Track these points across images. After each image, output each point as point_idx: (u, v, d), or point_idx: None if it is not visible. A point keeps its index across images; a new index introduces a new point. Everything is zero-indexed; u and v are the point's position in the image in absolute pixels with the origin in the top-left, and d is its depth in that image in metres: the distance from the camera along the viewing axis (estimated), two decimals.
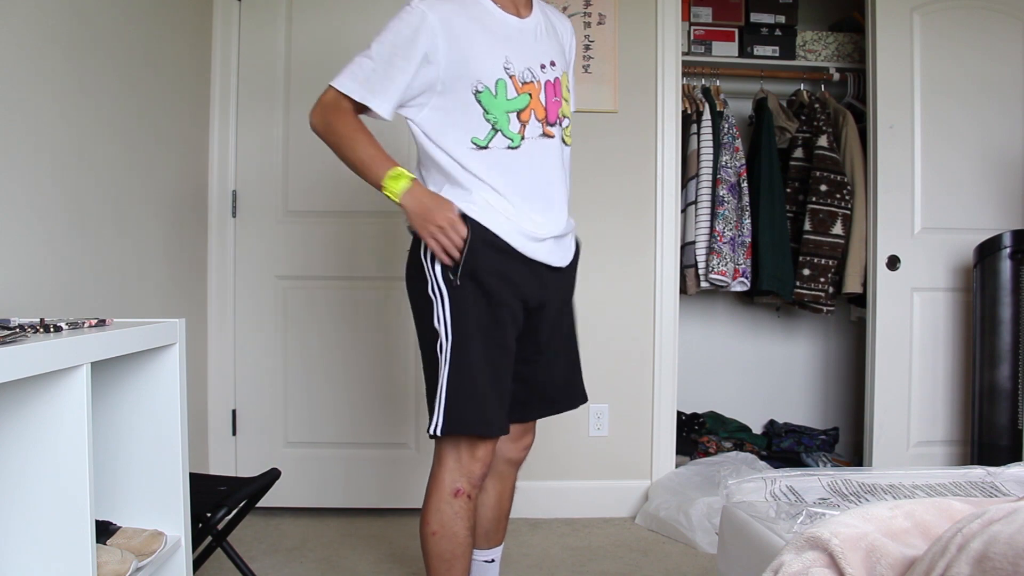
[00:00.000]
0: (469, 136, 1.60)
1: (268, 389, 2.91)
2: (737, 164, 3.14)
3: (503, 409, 1.64)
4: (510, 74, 1.61)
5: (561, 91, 1.71)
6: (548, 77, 1.68)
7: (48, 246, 1.76)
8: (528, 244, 1.63)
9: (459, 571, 1.64)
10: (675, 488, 2.82)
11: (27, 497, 1.14)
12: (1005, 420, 2.83)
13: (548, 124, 1.66)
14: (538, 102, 1.65)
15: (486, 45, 1.61)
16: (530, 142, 1.63)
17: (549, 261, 1.67)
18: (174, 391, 1.45)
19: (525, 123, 1.62)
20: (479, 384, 1.59)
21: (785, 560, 1.00)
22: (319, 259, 2.91)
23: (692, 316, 3.56)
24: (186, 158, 2.66)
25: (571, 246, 1.78)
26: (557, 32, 1.79)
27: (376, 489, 2.92)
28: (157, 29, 2.36)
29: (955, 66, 3.05)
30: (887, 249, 3.04)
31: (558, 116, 1.69)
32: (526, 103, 1.62)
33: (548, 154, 1.66)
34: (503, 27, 1.65)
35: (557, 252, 1.70)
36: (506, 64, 1.61)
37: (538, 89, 1.65)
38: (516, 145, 1.62)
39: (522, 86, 1.62)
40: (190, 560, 1.52)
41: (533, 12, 1.71)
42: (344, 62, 1.73)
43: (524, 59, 1.63)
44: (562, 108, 1.72)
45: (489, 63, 1.60)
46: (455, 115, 1.60)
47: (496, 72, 1.60)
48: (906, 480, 1.51)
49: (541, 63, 1.67)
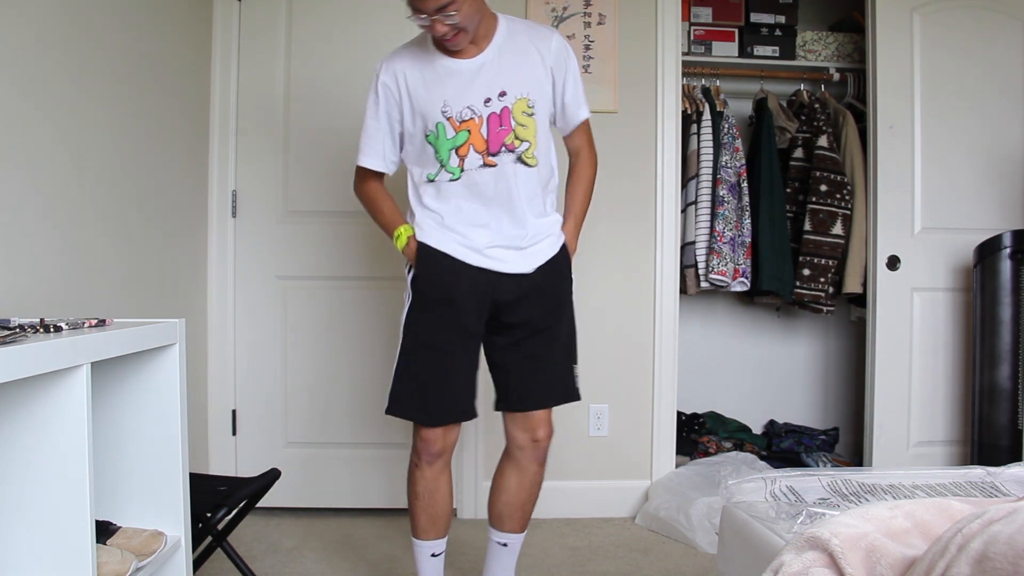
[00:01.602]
0: (425, 173, 1.89)
1: (268, 389, 2.91)
2: (737, 164, 3.14)
3: (451, 400, 1.90)
4: (447, 116, 1.83)
5: (510, 120, 1.84)
6: (493, 109, 1.83)
7: (48, 246, 1.76)
8: (469, 254, 1.87)
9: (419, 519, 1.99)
10: (675, 488, 2.82)
11: (27, 497, 1.14)
12: (1005, 420, 2.83)
13: (489, 154, 1.84)
14: (478, 136, 1.84)
15: (427, 94, 1.85)
16: (469, 173, 1.85)
17: (494, 268, 1.88)
18: (174, 391, 1.45)
19: (463, 157, 1.84)
20: (418, 378, 1.90)
21: (785, 560, 1.00)
22: (319, 259, 2.91)
23: (692, 316, 3.56)
24: (186, 158, 2.66)
25: (538, 254, 1.92)
26: (527, 56, 1.87)
27: (376, 489, 2.92)
28: (157, 29, 2.36)
29: (955, 66, 3.05)
30: (887, 249, 3.04)
31: (502, 145, 1.84)
32: (464, 139, 1.84)
33: (492, 180, 1.85)
34: (444, 72, 1.85)
35: (509, 260, 1.89)
36: (443, 108, 1.83)
37: (478, 124, 1.83)
38: (456, 177, 1.86)
39: (459, 124, 1.83)
40: (190, 560, 1.52)
41: (487, 49, 1.85)
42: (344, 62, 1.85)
43: (462, 99, 1.83)
44: (514, 134, 1.85)
45: (430, 109, 1.84)
46: (417, 156, 1.91)
47: (436, 116, 1.84)
48: (906, 480, 1.51)
49: (486, 97, 1.83)
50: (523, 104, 1.85)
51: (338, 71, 2.88)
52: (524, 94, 1.85)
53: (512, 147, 1.85)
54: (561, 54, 1.90)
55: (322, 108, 2.88)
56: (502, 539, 2.04)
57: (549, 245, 1.94)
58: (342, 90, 2.87)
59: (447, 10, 1.69)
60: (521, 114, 1.85)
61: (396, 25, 2.89)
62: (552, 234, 1.95)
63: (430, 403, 1.90)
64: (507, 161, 1.85)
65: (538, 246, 1.92)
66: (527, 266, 1.90)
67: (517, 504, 2.01)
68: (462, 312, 1.88)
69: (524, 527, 2.05)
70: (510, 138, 1.84)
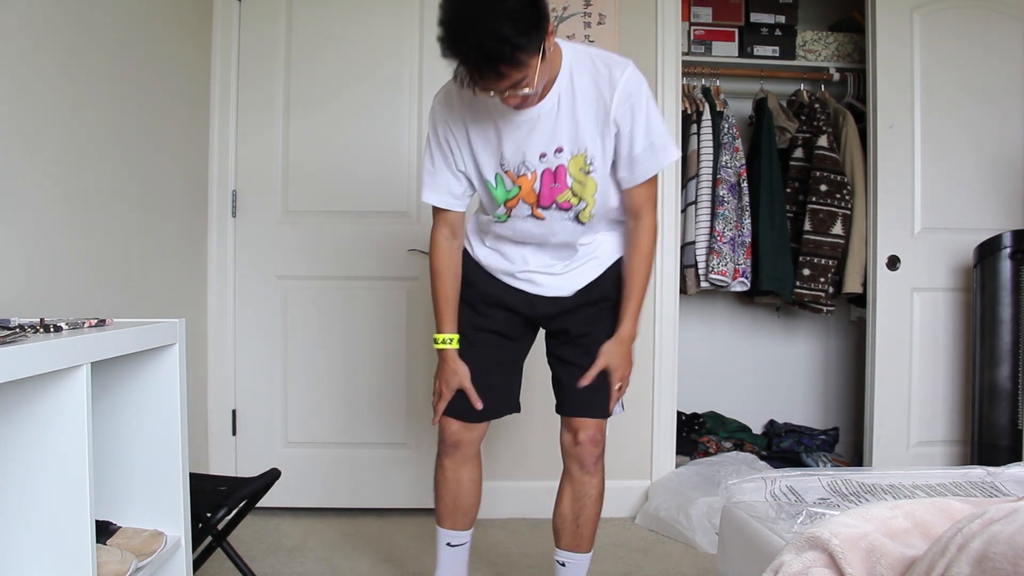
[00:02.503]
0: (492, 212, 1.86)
1: (268, 389, 2.91)
2: (737, 164, 3.14)
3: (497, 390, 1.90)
4: (505, 170, 1.75)
5: (565, 178, 1.73)
6: (548, 165, 1.73)
7: (48, 246, 1.76)
8: (505, 276, 1.89)
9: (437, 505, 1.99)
10: (675, 488, 2.82)
11: (27, 497, 1.14)
12: (1005, 420, 2.83)
13: (539, 207, 1.77)
14: (529, 191, 1.76)
15: (484, 145, 1.75)
16: (515, 220, 1.81)
17: (527, 289, 1.88)
18: (174, 391, 1.45)
19: (511, 208, 1.79)
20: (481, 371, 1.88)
21: (785, 560, 1.00)
22: (319, 259, 2.91)
23: (692, 316, 3.56)
24: (186, 158, 2.66)
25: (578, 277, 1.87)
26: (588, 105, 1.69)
27: (376, 489, 2.92)
28: (157, 29, 2.36)
29: (955, 66, 3.05)
30: (887, 249, 3.04)
31: (554, 202, 1.76)
32: (516, 193, 1.77)
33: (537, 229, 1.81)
34: (503, 124, 1.71)
35: (544, 285, 1.87)
36: (502, 161, 1.75)
37: (531, 180, 1.75)
38: (503, 220, 1.82)
39: (517, 178, 1.75)
40: (190, 560, 1.52)
41: (547, 97, 1.68)
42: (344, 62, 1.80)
43: (519, 153, 1.72)
44: (570, 192, 1.74)
45: (488, 160, 1.76)
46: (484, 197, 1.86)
47: (494, 168, 1.76)
48: (906, 480, 1.51)
49: (541, 152, 1.72)
50: (580, 161, 1.72)
51: (339, 70, 2.88)
52: (582, 150, 1.71)
53: (566, 206, 1.76)
54: (627, 100, 1.68)
55: (322, 107, 2.88)
56: (560, 557, 1.97)
57: (592, 269, 1.88)
58: (343, 89, 2.88)
59: (519, 87, 1.53)
60: (579, 171, 1.73)
61: (396, 26, 2.90)
62: (596, 257, 1.88)
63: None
64: (559, 218, 1.78)
65: (579, 270, 1.87)
66: (565, 290, 1.87)
67: (570, 517, 1.94)
68: (491, 313, 1.89)
69: (583, 546, 1.96)
70: (564, 196, 1.75)
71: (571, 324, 1.89)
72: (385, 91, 2.89)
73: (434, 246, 1.89)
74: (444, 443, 1.94)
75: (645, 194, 1.81)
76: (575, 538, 1.95)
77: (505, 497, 2.84)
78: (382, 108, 2.88)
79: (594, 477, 1.94)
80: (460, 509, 1.99)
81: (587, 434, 1.89)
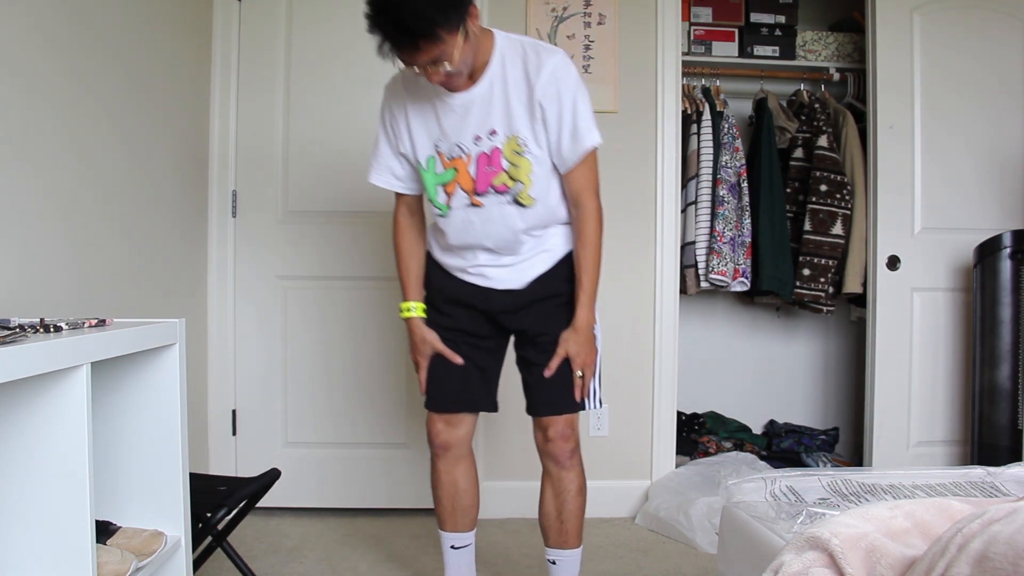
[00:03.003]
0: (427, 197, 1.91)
1: (268, 389, 2.91)
2: (737, 164, 3.14)
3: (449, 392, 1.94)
4: (438, 151, 1.81)
5: (500, 160, 1.77)
6: (483, 148, 1.77)
7: (48, 246, 1.76)
8: (459, 272, 1.92)
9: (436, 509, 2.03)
10: (675, 488, 2.82)
11: (27, 497, 1.14)
12: (1005, 420, 2.83)
13: (476, 194, 1.80)
14: (465, 174, 1.79)
15: (423, 127, 1.81)
16: (457, 211, 1.83)
17: (479, 283, 1.90)
18: (174, 391, 1.45)
19: (451, 195, 1.82)
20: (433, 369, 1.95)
21: (785, 560, 1.00)
22: (319, 259, 2.91)
23: (692, 316, 3.56)
24: (186, 158, 2.66)
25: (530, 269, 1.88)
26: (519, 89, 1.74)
27: (376, 489, 2.92)
28: (157, 29, 2.36)
29: (955, 66, 3.05)
30: (887, 249, 3.04)
31: (490, 186, 1.78)
32: (452, 177, 1.80)
33: (478, 220, 1.82)
34: (440, 106, 1.78)
35: (495, 278, 1.89)
36: (436, 143, 1.80)
37: (466, 163, 1.78)
38: (444, 214, 1.84)
39: (449, 161, 1.80)
40: (190, 560, 1.52)
41: (480, 82, 1.74)
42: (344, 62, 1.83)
43: (454, 135, 1.78)
44: (506, 175, 1.77)
45: (424, 142, 1.81)
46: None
47: (428, 150, 1.82)
48: (906, 480, 1.51)
49: (475, 135, 1.77)
50: (513, 143, 1.76)
51: (338, 70, 2.88)
52: (515, 132, 1.75)
53: (503, 189, 1.79)
54: (551, 85, 1.72)
55: (322, 107, 2.88)
56: (550, 556, 1.99)
57: (542, 261, 1.89)
58: (342, 89, 2.88)
59: (439, 64, 1.61)
60: (513, 153, 1.76)
61: None
62: (546, 250, 1.89)
63: (432, 390, 1.96)
64: (496, 202, 1.80)
65: (529, 262, 1.89)
66: (519, 283, 1.89)
67: (553, 514, 1.96)
68: (453, 312, 1.93)
69: (569, 542, 1.96)
70: (500, 179, 1.78)
71: (528, 322, 1.90)
72: None
73: (394, 224, 1.99)
74: (434, 446, 1.98)
75: (582, 180, 1.83)
76: (560, 535, 1.96)
77: (505, 497, 2.84)
78: None
79: (570, 472, 1.94)
80: (459, 510, 2.01)
81: (556, 430, 1.91)
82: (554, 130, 1.76)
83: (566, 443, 1.92)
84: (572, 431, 1.92)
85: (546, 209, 1.84)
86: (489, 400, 2.00)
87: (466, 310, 1.93)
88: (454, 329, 1.93)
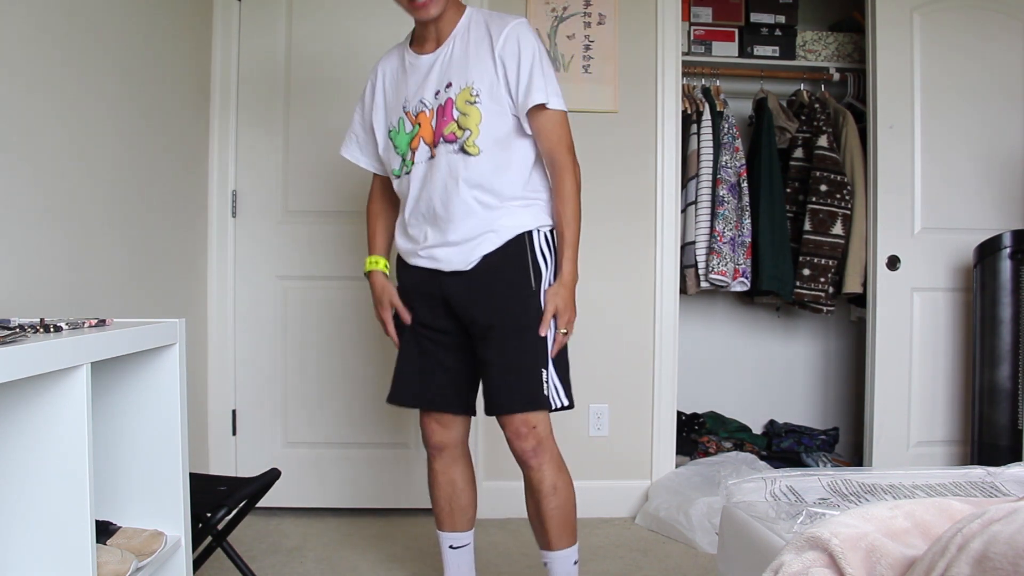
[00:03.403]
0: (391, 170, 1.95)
1: (268, 389, 2.91)
2: (737, 164, 3.14)
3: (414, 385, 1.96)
4: (406, 111, 1.88)
5: (452, 110, 1.81)
6: (440, 102, 1.84)
7: (48, 246, 1.76)
8: (411, 255, 1.93)
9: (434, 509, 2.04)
10: (675, 488, 2.81)
11: (27, 497, 1.14)
12: (1005, 420, 2.83)
13: (432, 145, 1.84)
14: (428, 128, 1.85)
15: (395, 90, 1.93)
16: (417, 166, 1.87)
17: (428, 266, 1.89)
18: (174, 391, 1.45)
19: (415, 150, 1.87)
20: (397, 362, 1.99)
21: (785, 560, 1.00)
22: (319, 259, 2.91)
23: (692, 316, 3.56)
24: (186, 158, 2.66)
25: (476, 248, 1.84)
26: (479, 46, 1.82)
27: (376, 489, 2.92)
28: (157, 29, 2.36)
29: (955, 66, 3.05)
30: (887, 249, 3.04)
31: (441, 135, 1.82)
32: (417, 132, 1.86)
33: (428, 172, 1.85)
34: (410, 68, 1.90)
35: (443, 259, 1.86)
36: (404, 103, 1.89)
37: (429, 117, 1.85)
38: (409, 171, 1.89)
39: (415, 117, 1.87)
40: (190, 560, 1.52)
41: (442, 44, 1.86)
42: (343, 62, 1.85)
43: (418, 93, 1.87)
44: (455, 124, 1.81)
45: (395, 105, 1.91)
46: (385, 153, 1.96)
47: (398, 112, 1.90)
48: (906, 480, 1.51)
49: (436, 90, 1.85)
50: (466, 94, 1.80)
51: (338, 71, 2.87)
52: (468, 83, 1.81)
53: (451, 138, 1.81)
54: (511, 39, 1.80)
55: (322, 108, 2.88)
56: (543, 559, 1.96)
57: (489, 240, 1.83)
58: (342, 90, 2.87)
59: None
60: (464, 103, 1.80)
61: (396, 25, 2.89)
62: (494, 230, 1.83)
63: (395, 383, 1.98)
64: (445, 152, 1.82)
65: (476, 240, 1.83)
66: (464, 263, 1.84)
67: (535, 516, 1.92)
68: (414, 305, 1.94)
69: (553, 544, 1.90)
70: (450, 128, 1.81)
71: (477, 312, 1.85)
72: None
73: (369, 197, 2.10)
74: (429, 446, 1.99)
75: (552, 136, 1.84)
76: (543, 536, 1.93)
77: (505, 497, 2.84)
78: None
79: (538, 472, 1.87)
80: (457, 510, 2.01)
81: (511, 430, 1.86)
82: (514, 84, 1.80)
83: (524, 442, 1.85)
84: (529, 429, 1.84)
85: (493, 167, 1.81)
86: (459, 401, 1.96)
87: (424, 302, 1.92)
88: (415, 323, 1.94)
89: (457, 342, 1.92)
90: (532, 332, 1.83)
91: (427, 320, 1.93)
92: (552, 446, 1.89)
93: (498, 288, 1.84)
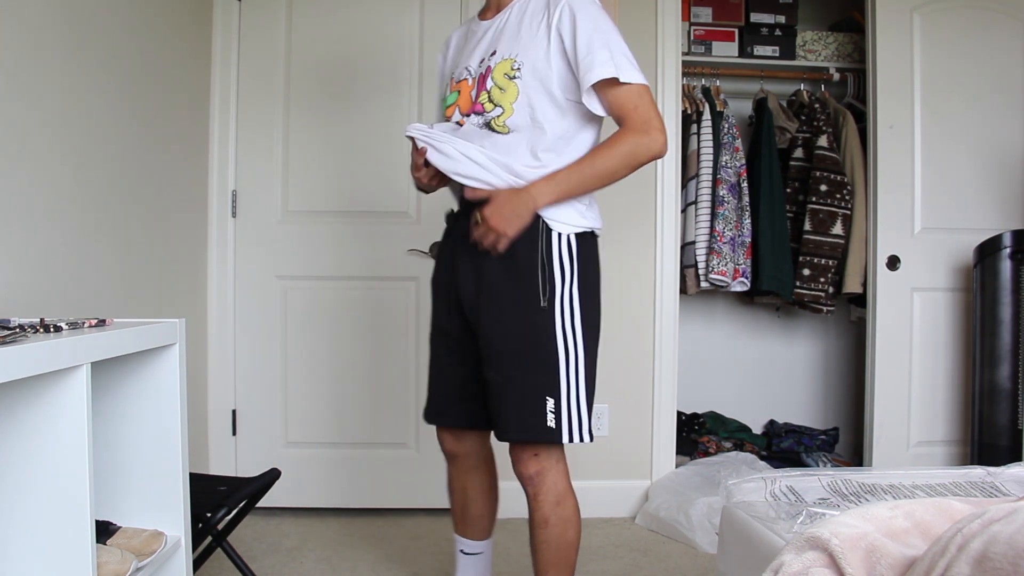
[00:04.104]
0: None
1: (268, 389, 2.91)
2: (737, 164, 3.14)
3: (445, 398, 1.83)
4: (452, 77, 1.80)
5: (487, 80, 1.66)
6: (482, 70, 1.70)
7: (48, 246, 1.76)
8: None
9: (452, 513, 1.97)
10: (675, 488, 2.82)
11: (27, 497, 1.13)
12: (1005, 420, 2.83)
13: (463, 114, 1.71)
14: (466, 97, 1.72)
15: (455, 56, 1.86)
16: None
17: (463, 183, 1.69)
18: (174, 391, 1.45)
19: (449, 118, 1.75)
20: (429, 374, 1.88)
21: (785, 560, 1.00)
22: (319, 259, 2.91)
23: (692, 316, 3.56)
24: (186, 158, 2.66)
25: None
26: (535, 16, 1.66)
27: (376, 489, 2.92)
28: (157, 29, 2.36)
29: (955, 66, 3.05)
30: (887, 249, 3.04)
31: (471, 108, 1.69)
32: (454, 100, 1.75)
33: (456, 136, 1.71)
34: (470, 36, 1.81)
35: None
36: (455, 69, 1.81)
37: (470, 86, 1.72)
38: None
39: (457, 83, 1.76)
40: (190, 560, 1.52)
41: (501, 12, 1.74)
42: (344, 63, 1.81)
43: (467, 60, 1.77)
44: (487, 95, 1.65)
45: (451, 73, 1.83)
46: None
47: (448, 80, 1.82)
48: (906, 480, 1.51)
49: (481, 58, 1.72)
50: (506, 65, 1.64)
51: (339, 70, 2.88)
52: (512, 55, 1.64)
53: (479, 109, 1.66)
54: (566, 10, 1.61)
55: (322, 108, 2.88)
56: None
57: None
58: (343, 89, 2.88)
59: None
60: (502, 76, 1.64)
61: (396, 25, 2.90)
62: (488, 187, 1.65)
63: (430, 398, 1.87)
64: (472, 124, 1.67)
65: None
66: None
67: (530, 540, 1.76)
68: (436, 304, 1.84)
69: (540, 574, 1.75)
70: (482, 98, 1.66)
71: (483, 317, 1.68)
72: (385, 91, 2.89)
73: None
74: (443, 451, 1.91)
75: (628, 104, 1.63)
76: (534, 563, 1.77)
77: (505, 497, 2.83)
78: (382, 108, 2.88)
79: (533, 500, 1.72)
80: (468, 518, 1.93)
81: (512, 452, 1.73)
82: (573, 59, 1.61)
83: (523, 467, 1.70)
84: (530, 456, 1.68)
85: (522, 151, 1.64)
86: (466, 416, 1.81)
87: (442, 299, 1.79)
88: (434, 327, 1.85)
89: (468, 349, 1.75)
90: (537, 355, 1.64)
91: (443, 322, 1.80)
92: (555, 478, 1.70)
93: (503, 302, 1.66)
